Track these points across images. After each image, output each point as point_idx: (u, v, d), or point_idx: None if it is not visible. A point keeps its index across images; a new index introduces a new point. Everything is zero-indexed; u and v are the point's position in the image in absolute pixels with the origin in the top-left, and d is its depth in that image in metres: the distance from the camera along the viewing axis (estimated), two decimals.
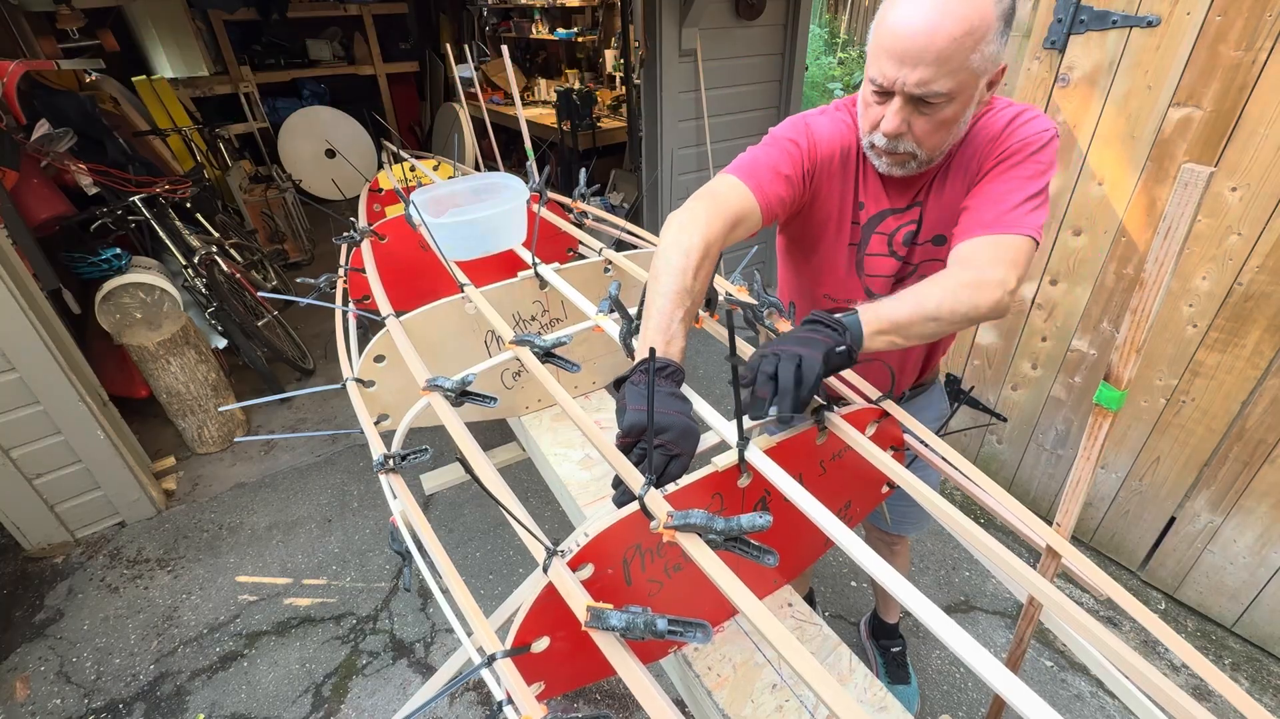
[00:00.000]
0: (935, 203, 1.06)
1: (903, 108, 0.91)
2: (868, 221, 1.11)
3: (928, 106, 0.90)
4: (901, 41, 0.86)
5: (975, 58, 0.86)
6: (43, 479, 2.25)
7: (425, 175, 2.59)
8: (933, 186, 1.06)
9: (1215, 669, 0.66)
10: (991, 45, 0.86)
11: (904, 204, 1.09)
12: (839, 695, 0.61)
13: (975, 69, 0.87)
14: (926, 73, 0.86)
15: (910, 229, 1.09)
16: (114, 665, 1.96)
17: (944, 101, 0.89)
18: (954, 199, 1.04)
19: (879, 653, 1.86)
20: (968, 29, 0.83)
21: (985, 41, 0.85)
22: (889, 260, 1.13)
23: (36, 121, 2.71)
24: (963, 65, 0.86)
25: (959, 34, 0.83)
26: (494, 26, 6.54)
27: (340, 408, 3.12)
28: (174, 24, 5.24)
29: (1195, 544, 1.96)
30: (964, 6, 0.83)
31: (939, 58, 0.84)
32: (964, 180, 1.03)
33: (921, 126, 0.93)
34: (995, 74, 0.92)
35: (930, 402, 1.41)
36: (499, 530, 2.38)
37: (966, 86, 0.89)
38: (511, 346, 1.13)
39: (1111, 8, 1.70)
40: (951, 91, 0.88)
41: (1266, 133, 1.54)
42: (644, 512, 0.77)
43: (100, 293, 2.42)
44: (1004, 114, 1.00)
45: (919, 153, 0.97)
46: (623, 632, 0.67)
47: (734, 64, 3.39)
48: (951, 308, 0.87)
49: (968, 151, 1.02)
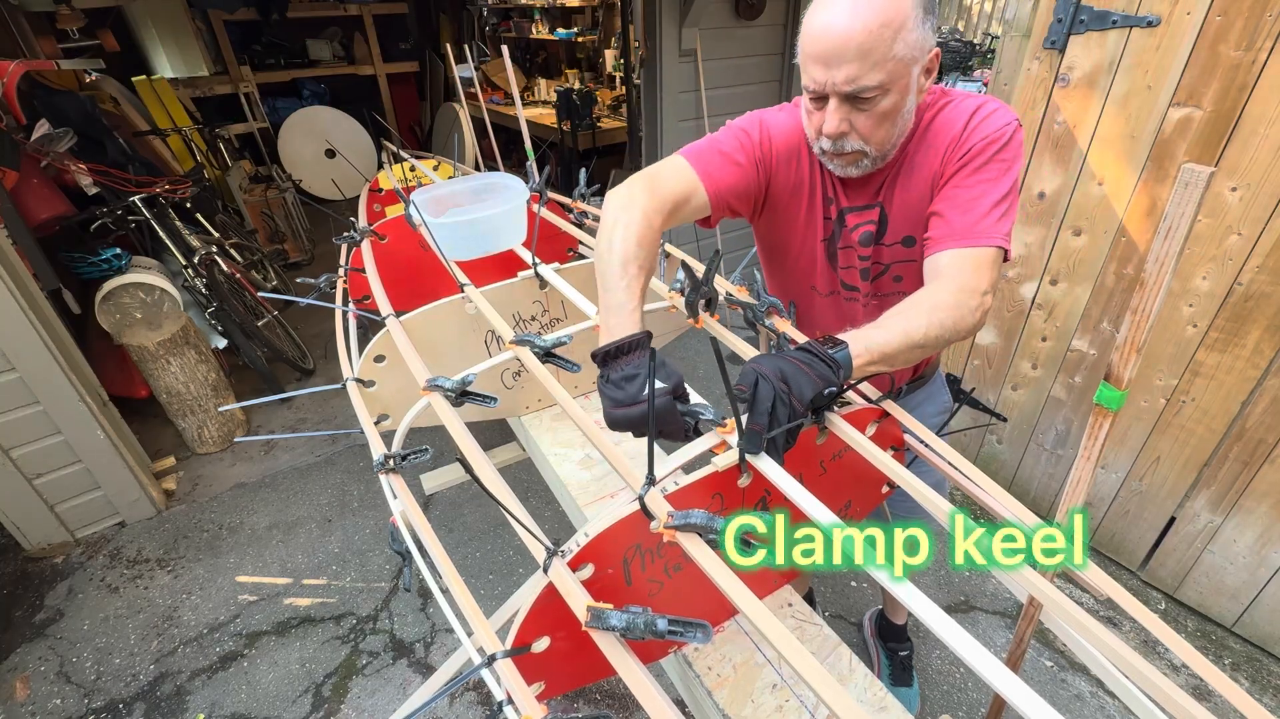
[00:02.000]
0: (899, 202, 1.06)
1: (839, 107, 0.93)
2: (838, 216, 1.12)
3: (864, 102, 0.92)
4: (822, 44, 0.89)
5: (899, 47, 0.87)
6: (43, 479, 2.25)
7: (425, 175, 2.59)
8: (895, 184, 1.06)
9: (1215, 669, 0.66)
10: (913, 33, 0.88)
11: (861, 202, 1.09)
12: (839, 695, 0.61)
13: (902, 58, 0.88)
14: (852, 69, 0.88)
15: (869, 229, 1.10)
16: (114, 665, 1.96)
17: (878, 94, 0.91)
18: (918, 198, 1.04)
19: (885, 654, 1.86)
20: (883, 20, 0.85)
21: (905, 30, 0.87)
22: (854, 256, 1.14)
23: (36, 121, 2.71)
24: (886, 56, 0.87)
25: (874, 26, 0.85)
26: (494, 26, 6.55)
27: (340, 408, 3.12)
28: (174, 24, 5.24)
29: (1195, 544, 1.96)
30: (877, 1, 0.86)
31: (860, 52, 0.86)
32: (928, 179, 1.02)
33: (863, 123, 0.94)
34: (929, 60, 0.93)
35: (931, 394, 1.40)
36: (499, 530, 2.38)
37: (898, 76, 0.90)
38: (512, 346, 1.13)
39: (1111, 8, 1.70)
40: (883, 84, 0.89)
41: (1266, 133, 1.54)
42: (644, 511, 0.77)
43: (100, 293, 2.42)
44: (962, 108, 0.99)
45: (868, 149, 0.98)
46: (623, 632, 0.67)
47: (734, 64, 3.39)
48: (937, 334, 0.89)
49: (927, 149, 1.01)
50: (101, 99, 3.62)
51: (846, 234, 1.13)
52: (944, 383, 1.45)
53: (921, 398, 1.38)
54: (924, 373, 1.36)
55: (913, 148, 1.03)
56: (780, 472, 0.82)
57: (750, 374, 0.80)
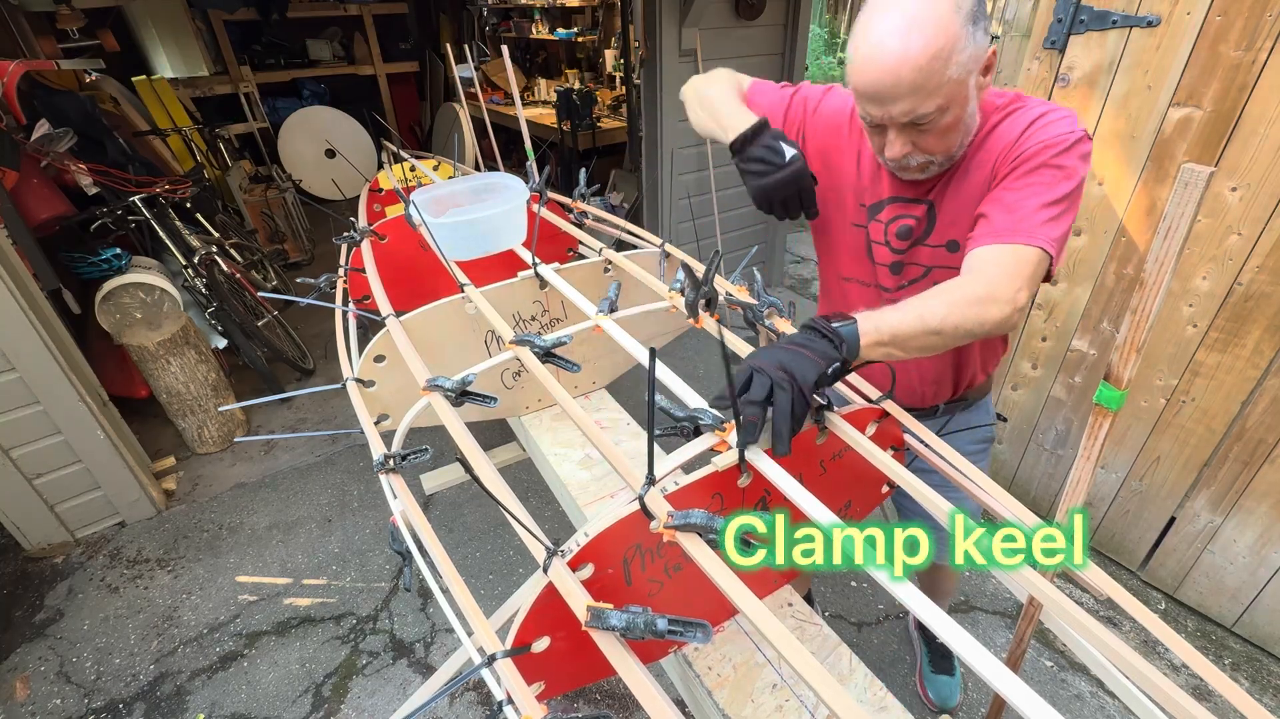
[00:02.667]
0: (950, 203, 1.03)
1: (900, 134, 0.92)
2: (871, 205, 1.10)
3: (925, 124, 0.90)
4: (873, 85, 0.87)
5: (952, 70, 0.85)
6: (43, 479, 2.25)
7: (425, 175, 2.59)
8: (949, 184, 1.03)
9: (1215, 669, 0.66)
10: (964, 52, 0.85)
11: (910, 195, 1.06)
12: (839, 695, 0.61)
13: (957, 78, 0.86)
14: (907, 104, 0.86)
15: (908, 223, 1.07)
16: (114, 665, 1.96)
17: (938, 115, 0.89)
18: (968, 201, 1.01)
19: (925, 643, 1.87)
20: (933, 52, 0.82)
21: (956, 53, 0.84)
22: (885, 250, 1.12)
23: (36, 121, 2.71)
24: (941, 84, 0.85)
25: (924, 62, 0.83)
26: (494, 26, 6.55)
27: (340, 408, 3.12)
28: (174, 24, 5.24)
29: (1195, 544, 1.96)
30: (924, 32, 0.82)
31: (914, 88, 0.85)
32: (980, 184, 1.00)
33: (926, 142, 0.93)
34: (984, 63, 0.90)
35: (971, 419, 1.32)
36: (499, 530, 2.38)
37: (956, 94, 0.88)
38: (511, 346, 1.13)
39: (1111, 8, 1.70)
40: (941, 106, 0.88)
41: (1266, 133, 1.54)
42: (644, 511, 0.77)
43: (100, 293, 2.42)
44: (1023, 116, 0.96)
45: (934, 158, 0.97)
46: (623, 631, 0.67)
47: (734, 64, 3.34)
48: (956, 323, 0.84)
49: (985, 153, 0.99)
50: (101, 99, 3.62)
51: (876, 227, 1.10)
52: (990, 410, 1.36)
53: (960, 422, 1.31)
54: (968, 393, 1.28)
55: (971, 151, 1.00)
56: (780, 471, 0.82)
57: (745, 370, 0.79)
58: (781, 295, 3.60)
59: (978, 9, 0.85)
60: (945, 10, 0.82)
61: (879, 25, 0.85)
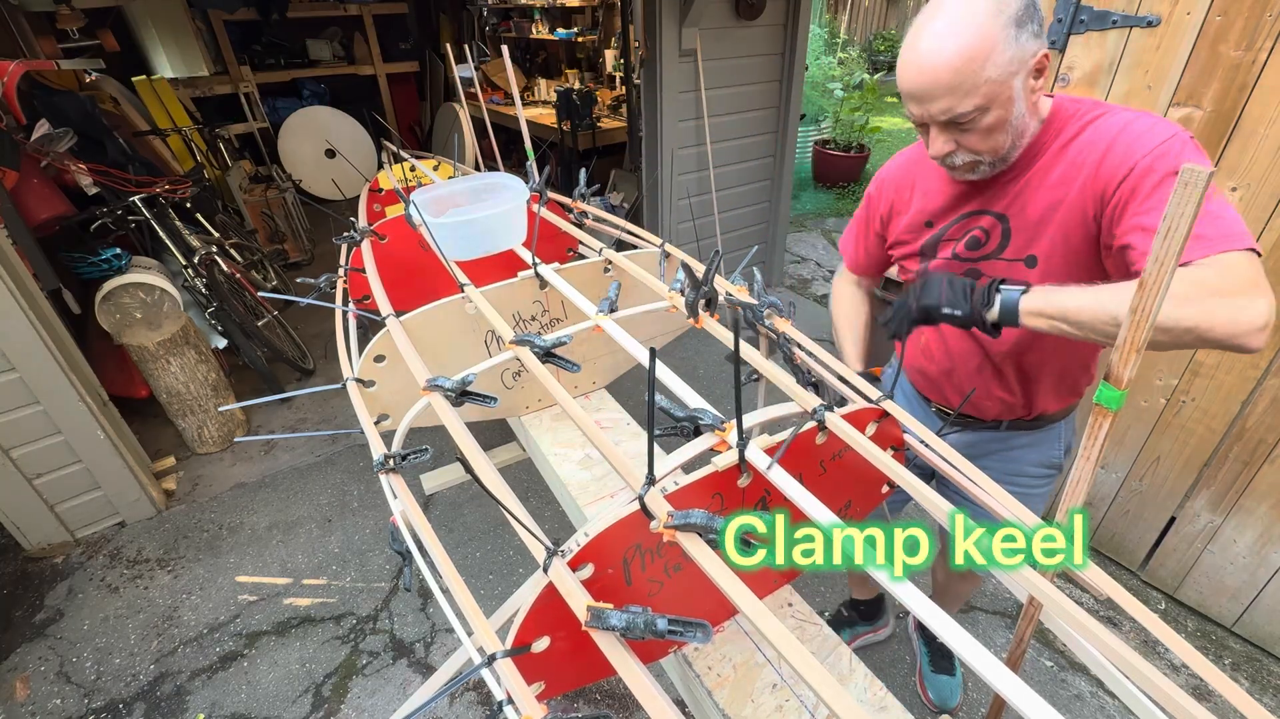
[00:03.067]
0: (1026, 214, 1.01)
1: (942, 132, 0.95)
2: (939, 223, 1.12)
3: (965, 124, 0.92)
4: (912, 83, 0.92)
5: (990, 70, 0.86)
6: (43, 479, 2.25)
7: (425, 175, 2.59)
8: (1020, 194, 1.01)
9: (1215, 669, 0.66)
10: (1005, 53, 0.86)
11: (976, 207, 1.07)
12: (839, 695, 0.61)
13: (996, 78, 0.87)
14: (944, 103, 0.90)
15: (977, 234, 1.07)
16: (114, 665, 1.96)
17: (977, 115, 0.90)
18: (1049, 213, 0.98)
19: (924, 643, 1.87)
20: (969, 54, 0.86)
21: (994, 54, 0.86)
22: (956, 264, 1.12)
23: (36, 121, 2.71)
24: (978, 84, 0.87)
25: (959, 63, 0.86)
26: (494, 26, 6.54)
27: (340, 408, 3.12)
28: (174, 24, 5.24)
29: (1195, 544, 1.96)
30: (960, 35, 0.86)
31: (950, 88, 0.88)
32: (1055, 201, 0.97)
33: (969, 140, 0.95)
34: (1035, 64, 0.90)
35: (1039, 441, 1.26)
36: (499, 530, 2.38)
37: (995, 94, 0.89)
38: (511, 346, 1.13)
39: (1111, 8, 1.70)
40: (980, 106, 0.89)
41: (1266, 133, 1.54)
42: (644, 511, 0.77)
43: (100, 293, 2.42)
44: (1106, 128, 0.93)
45: (981, 158, 0.97)
46: (623, 631, 0.67)
47: (734, 64, 3.39)
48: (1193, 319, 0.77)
49: (1065, 166, 0.96)
50: (101, 99, 3.62)
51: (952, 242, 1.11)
52: (1063, 436, 1.28)
53: (1025, 441, 1.26)
54: (1039, 416, 1.22)
55: (1048, 162, 0.98)
56: (780, 471, 0.82)
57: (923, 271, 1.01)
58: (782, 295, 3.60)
59: (1024, 13, 0.87)
60: (984, 14, 0.85)
61: (922, 30, 0.90)
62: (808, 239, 5.02)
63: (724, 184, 3.70)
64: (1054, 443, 1.28)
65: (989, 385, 1.19)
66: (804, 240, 5.00)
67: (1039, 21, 0.89)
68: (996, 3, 0.86)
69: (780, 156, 3.85)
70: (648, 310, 1.25)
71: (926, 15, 0.90)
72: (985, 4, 0.86)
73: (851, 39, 10.02)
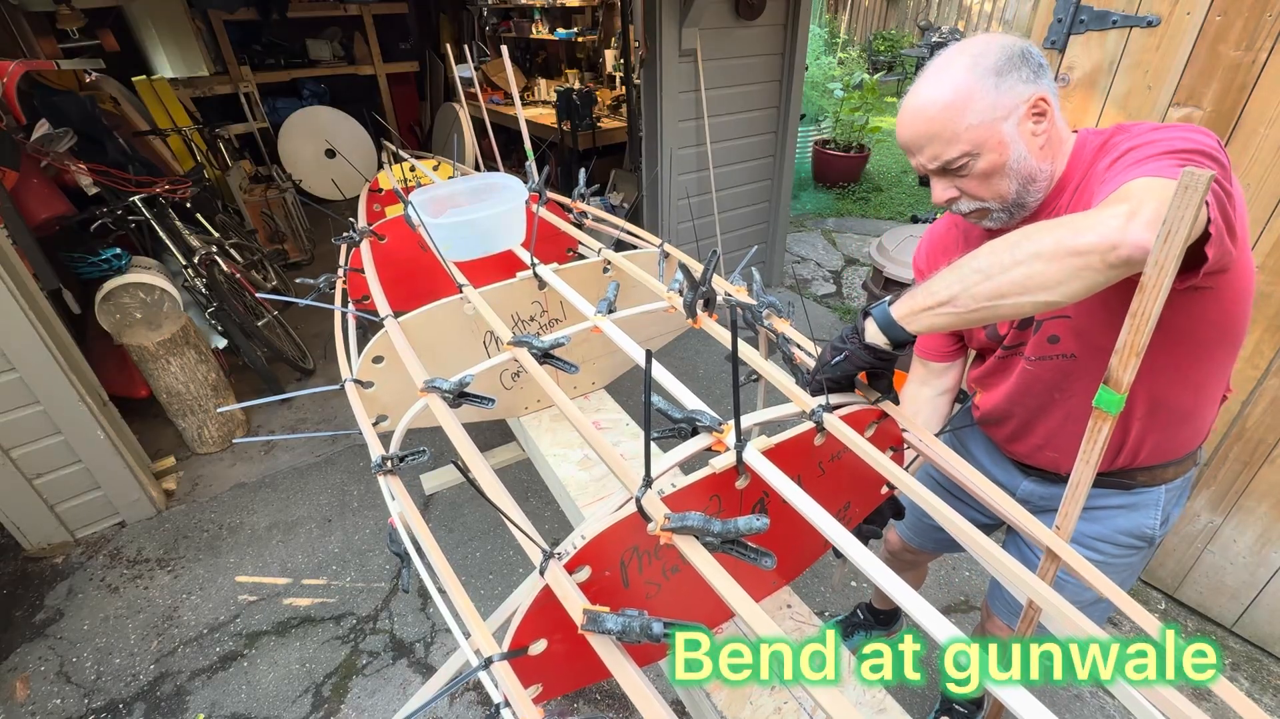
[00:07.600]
0: None
1: (940, 180, 0.98)
2: None
3: (961, 168, 0.94)
4: (901, 136, 0.98)
5: (969, 117, 0.89)
6: (43, 479, 2.25)
7: (425, 175, 2.59)
8: None
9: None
10: (983, 100, 0.88)
11: None
12: (837, 697, 0.61)
13: (977, 124, 0.89)
14: (930, 150, 0.94)
15: None
16: (114, 665, 1.96)
17: (968, 160, 0.92)
18: None
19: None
20: (944, 104, 0.90)
21: (971, 102, 0.89)
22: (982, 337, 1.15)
23: (36, 121, 2.71)
24: (959, 131, 0.90)
25: (935, 112, 0.91)
26: (494, 26, 6.54)
27: (340, 408, 3.12)
28: (174, 24, 5.24)
29: (1195, 544, 1.96)
30: (939, 88, 0.91)
31: (931, 136, 0.93)
32: None
33: (969, 186, 0.96)
34: (1030, 107, 0.90)
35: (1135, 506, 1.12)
36: (499, 530, 2.38)
37: (982, 139, 0.90)
38: (510, 347, 1.13)
39: (1111, 8, 1.70)
40: (967, 152, 0.91)
41: (1266, 133, 1.54)
42: (641, 514, 0.77)
43: (100, 293, 2.42)
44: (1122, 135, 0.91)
45: (987, 204, 0.97)
46: (619, 635, 0.67)
47: (734, 64, 3.39)
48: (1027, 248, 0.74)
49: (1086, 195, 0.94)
50: (101, 99, 3.62)
51: None
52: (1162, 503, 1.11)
53: (1116, 500, 1.12)
54: (1133, 467, 1.08)
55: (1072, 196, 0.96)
56: (778, 473, 0.82)
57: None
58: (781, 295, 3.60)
59: (1004, 63, 0.88)
60: (960, 68, 0.90)
61: (912, 90, 0.96)
62: (808, 239, 5.02)
63: (724, 184, 3.70)
64: (1153, 511, 1.12)
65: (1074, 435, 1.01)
66: (804, 240, 4.99)
67: (1033, 68, 0.89)
68: (974, 56, 0.89)
69: (780, 156, 3.85)
70: (646, 311, 1.25)
71: (918, 77, 0.96)
72: (963, 59, 0.90)
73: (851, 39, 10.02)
